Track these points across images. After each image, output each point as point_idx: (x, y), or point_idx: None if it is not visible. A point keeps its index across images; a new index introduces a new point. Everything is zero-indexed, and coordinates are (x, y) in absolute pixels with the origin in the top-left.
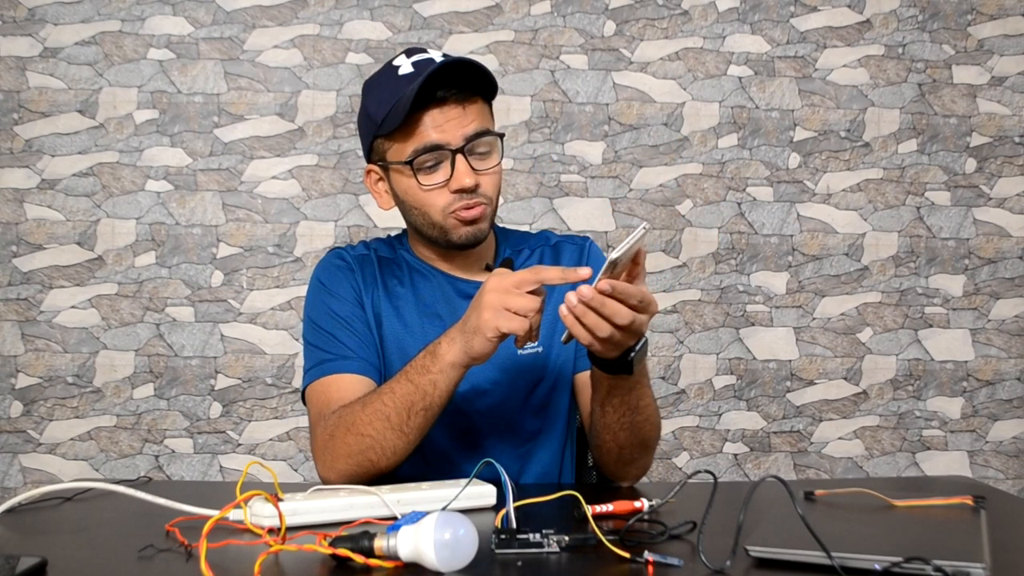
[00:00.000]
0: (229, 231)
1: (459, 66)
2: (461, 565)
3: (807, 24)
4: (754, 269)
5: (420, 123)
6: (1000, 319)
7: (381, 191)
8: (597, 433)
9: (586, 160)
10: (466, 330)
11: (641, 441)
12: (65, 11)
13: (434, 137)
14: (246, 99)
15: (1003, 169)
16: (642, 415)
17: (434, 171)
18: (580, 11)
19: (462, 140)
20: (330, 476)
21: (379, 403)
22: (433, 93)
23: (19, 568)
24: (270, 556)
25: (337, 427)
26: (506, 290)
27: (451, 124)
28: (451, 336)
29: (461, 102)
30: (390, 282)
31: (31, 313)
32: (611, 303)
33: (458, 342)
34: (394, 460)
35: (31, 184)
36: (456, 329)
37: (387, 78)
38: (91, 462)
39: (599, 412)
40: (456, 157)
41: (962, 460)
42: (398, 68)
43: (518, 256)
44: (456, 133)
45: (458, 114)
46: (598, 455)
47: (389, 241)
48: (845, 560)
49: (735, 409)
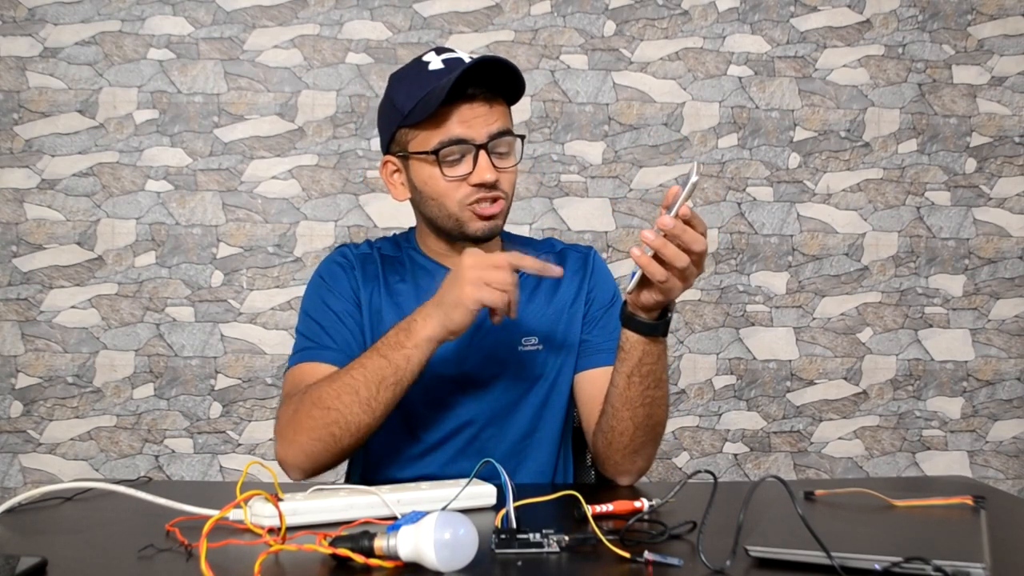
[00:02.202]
0: (229, 231)
1: (490, 66)
2: (461, 565)
3: (807, 24)
4: (754, 269)
5: (448, 117)
6: (1000, 319)
7: (396, 182)
8: (615, 412)
9: (586, 160)
10: (444, 303)
11: (656, 423)
12: (65, 11)
13: (461, 131)
14: (246, 99)
15: (1003, 169)
16: (661, 391)
17: (457, 164)
18: (580, 11)
19: (486, 137)
20: (288, 454)
21: (348, 377)
22: (463, 89)
23: (19, 568)
24: (270, 556)
25: (302, 402)
26: (484, 266)
27: (478, 121)
28: (426, 312)
29: (488, 101)
30: (391, 278)
31: (31, 313)
32: (690, 231)
33: (435, 317)
34: (357, 438)
35: (31, 184)
36: (432, 305)
37: (416, 72)
38: (91, 462)
39: (624, 385)
40: (479, 152)
41: (962, 460)
42: (428, 64)
43: None
44: (482, 130)
45: (485, 112)
46: (609, 441)
47: (394, 239)
48: (845, 560)
49: (735, 409)
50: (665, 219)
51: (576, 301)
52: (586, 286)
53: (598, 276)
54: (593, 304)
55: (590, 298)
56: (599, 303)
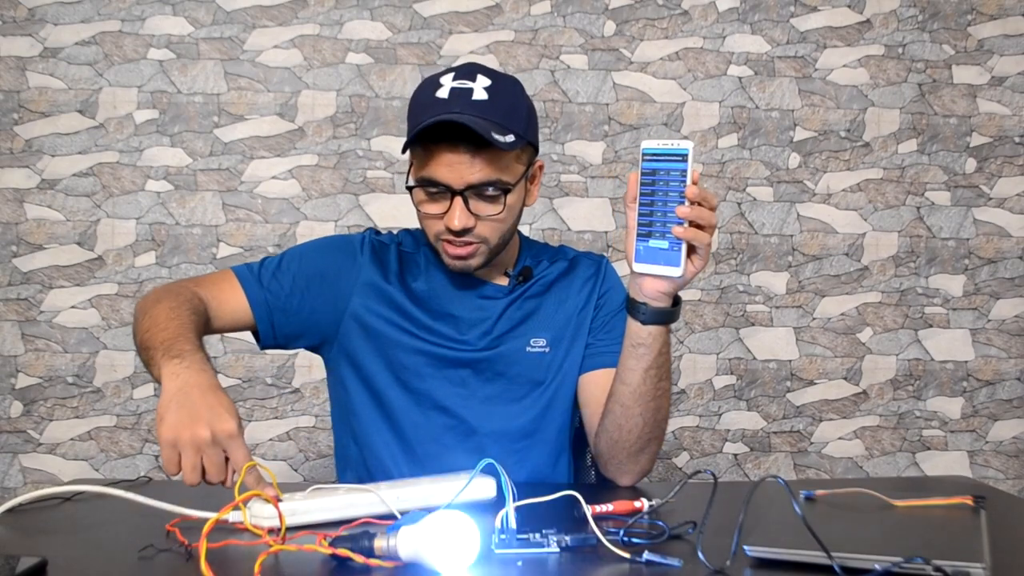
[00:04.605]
0: (229, 231)
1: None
2: (461, 565)
3: (807, 24)
4: (754, 269)
5: (432, 156)
6: (1000, 319)
7: None
8: (626, 410)
9: (586, 160)
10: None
11: (663, 417)
12: (65, 11)
13: (440, 174)
14: (246, 99)
15: (1003, 169)
16: (669, 380)
17: (436, 200)
18: (580, 11)
19: (463, 185)
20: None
21: (149, 318)
22: (449, 135)
23: (19, 568)
24: (270, 556)
25: (154, 291)
26: (212, 439)
27: (460, 167)
28: (174, 370)
29: (472, 152)
30: (407, 277)
31: (31, 313)
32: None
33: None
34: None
35: (31, 184)
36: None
37: (426, 93)
38: (91, 462)
39: (640, 381)
40: (455, 199)
41: (962, 460)
42: (439, 87)
43: (537, 266)
44: (460, 177)
45: (467, 160)
46: (615, 440)
47: (415, 235)
48: (845, 560)
49: (735, 409)
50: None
51: (586, 307)
52: (596, 293)
53: (609, 283)
54: (602, 310)
55: (599, 304)
56: (608, 309)
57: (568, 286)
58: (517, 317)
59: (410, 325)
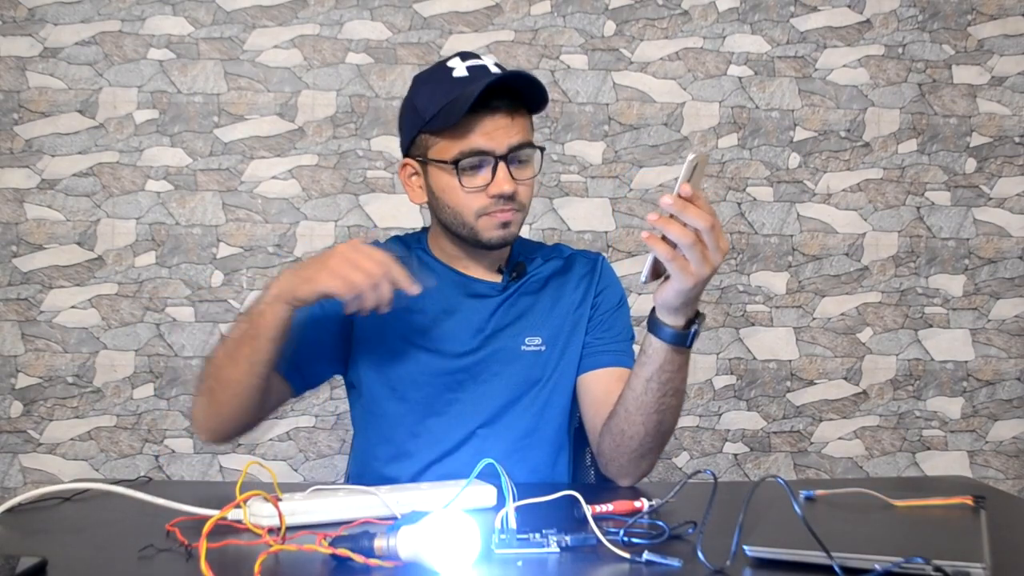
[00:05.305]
0: (229, 231)
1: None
2: (461, 565)
3: (807, 24)
4: (754, 269)
5: (470, 127)
6: (1000, 319)
7: (414, 185)
8: (628, 416)
9: (586, 160)
10: (301, 274)
11: (667, 430)
12: (65, 11)
13: (481, 143)
14: (246, 99)
15: (1003, 169)
16: (677, 400)
17: (475, 174)
18: (580, 11)
19: (506, 148)
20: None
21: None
22: (487, 101)
23: (19, 568)
24: (270, 556)
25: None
26: (351, 258)
27: (499, 132)
28: (285, 274)
29: (510, 113)
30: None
31: (31, 313)
32: (692, 207)
33: (288, 281)
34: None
35: (31, 184)
36: (291, 270)
37: (440, 77)
38: (91, 462)
39: (641, 390)
40: (499, 164)
41: (962, 460)
42: (452, 69)
43: (531, 263)
44: (502, 142)
45: (506, 124)
46: (617, 444)
47: (404, 240)
48: (845, 560)
49: (735, 409)
50: (665, 198)
51: (582, 305)
52: (593, 290)
53: (605, 281)
54: (599, 307)
55: (596, 302)
56: (605, 307)
57: (564, 283)
58: (511, 315)
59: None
